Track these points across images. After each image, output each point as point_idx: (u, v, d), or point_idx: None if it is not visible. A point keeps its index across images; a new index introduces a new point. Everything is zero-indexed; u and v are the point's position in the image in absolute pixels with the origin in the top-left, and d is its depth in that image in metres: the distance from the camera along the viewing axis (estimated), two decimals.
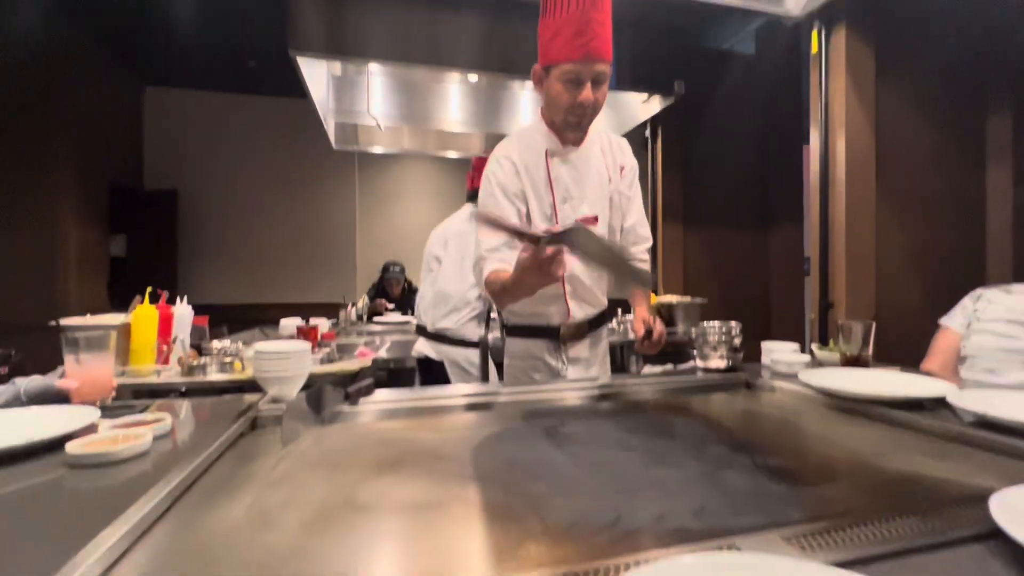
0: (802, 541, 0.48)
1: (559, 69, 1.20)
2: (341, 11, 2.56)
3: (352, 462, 0.79)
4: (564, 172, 1.35)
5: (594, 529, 0.55)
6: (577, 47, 1.16)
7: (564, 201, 1.34)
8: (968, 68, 2.48)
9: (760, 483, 0.68)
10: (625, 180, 1.42)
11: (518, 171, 1.32)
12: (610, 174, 1.39)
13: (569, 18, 1.16)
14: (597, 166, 1.37)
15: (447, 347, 2.14)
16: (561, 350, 1.42)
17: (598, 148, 1.39)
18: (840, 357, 1.34)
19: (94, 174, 4.20)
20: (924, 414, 0.93)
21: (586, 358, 1.45)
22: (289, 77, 2.98)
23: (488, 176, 1.34)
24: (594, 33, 1.15)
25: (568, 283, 1.37)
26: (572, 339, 1.42)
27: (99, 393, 0.97)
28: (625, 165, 1.42)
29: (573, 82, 1.20)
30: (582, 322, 1.42)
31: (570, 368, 1.43)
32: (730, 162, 3.85)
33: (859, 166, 2.29)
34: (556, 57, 1.19)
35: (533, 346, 1.43)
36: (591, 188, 1.36)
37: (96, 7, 3.69)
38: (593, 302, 1.43)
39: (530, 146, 1.35)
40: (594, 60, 1.17)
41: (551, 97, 1.26)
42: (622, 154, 1.43)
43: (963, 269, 2.49)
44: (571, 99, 1.21)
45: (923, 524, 0.51)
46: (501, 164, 1.33)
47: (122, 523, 0.52)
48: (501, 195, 1.31)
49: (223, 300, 5.07)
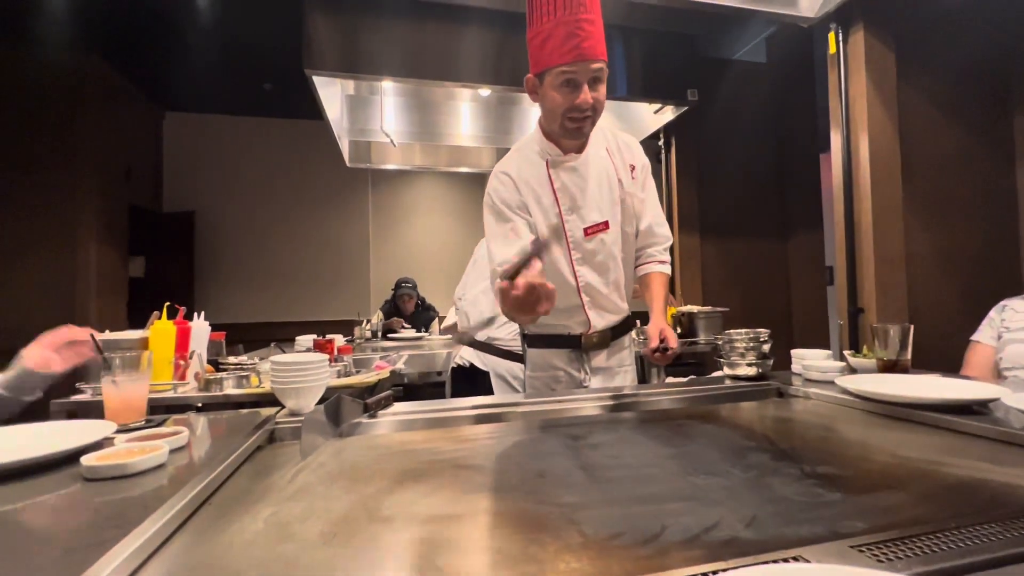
0: (876, 552, 0.43)
1: (553, 73, 1.16)
2: (355, 30, 2.60)
3: (373, 473, 0.76)
4: (568, 181, 1.30)
5: (639, 540, 0.51)
6: (570, 49, 1.13)
7: (571, 211, 1.30)
8: (991, 65, 2.43)
9: (812, 491, 0.63)
10: (637, 180, 1.36)
11: (517, 186, 1.29)
12: (619, 176, 1.33)
13: (558, 21, 1.13)
14: (604, 169, 1.32)
15: (495, 358, 2.10)
16: (583, 360, 1.38)
17: (603, 150, 1.34)
18: (877, 362, 1.28)
19: (114, 198, 4.29)
20: (974, 418, 0.88)
21: (609, 367, 1.40)
22: (303, 98, 3.04)
23: (489, 193, 1.31)
24: (586, 33, 1.13)
25: (585, 293, 1.33)
26: (594, 348, 1.38)
27: (134, 415, 0.95)
28: (636, 164, 1.36)
29: (569, 84, 1.16)
30: (604, 330, 1.38)
31: (593, 378, 1.38)
32: (745, 171, 3.81)
33: (884, 167, 2.23)
34: (549, 61, 1.16)
35: (554, 356, 1.38)
36: (599, 194, 1.30)
37: (119, 37, 3.82)
38: (613, 310, 1.38)
39: (528, 159, 1.32)
40: (588, 59, 1.14)
41: (547, 104, 1.22)
42: (631, 153, 1.37)
43: (996, 270, 2.41)
44: (568, 102, 1.17)
45: (1007, 533, 0.46)
46: (501, 180, 1.30)
47: (137, 536, 0.49)
48: (507, 210, 1.28)
49: (239, 319, 5.11)
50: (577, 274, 1.31)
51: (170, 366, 1.51)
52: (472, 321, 2.21)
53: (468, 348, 2.18)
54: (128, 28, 3.70)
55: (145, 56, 4.09)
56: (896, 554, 0.43)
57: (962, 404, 0.94)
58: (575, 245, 1.30)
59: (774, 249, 3.87)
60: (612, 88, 2.96)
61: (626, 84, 2.96)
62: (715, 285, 3.65)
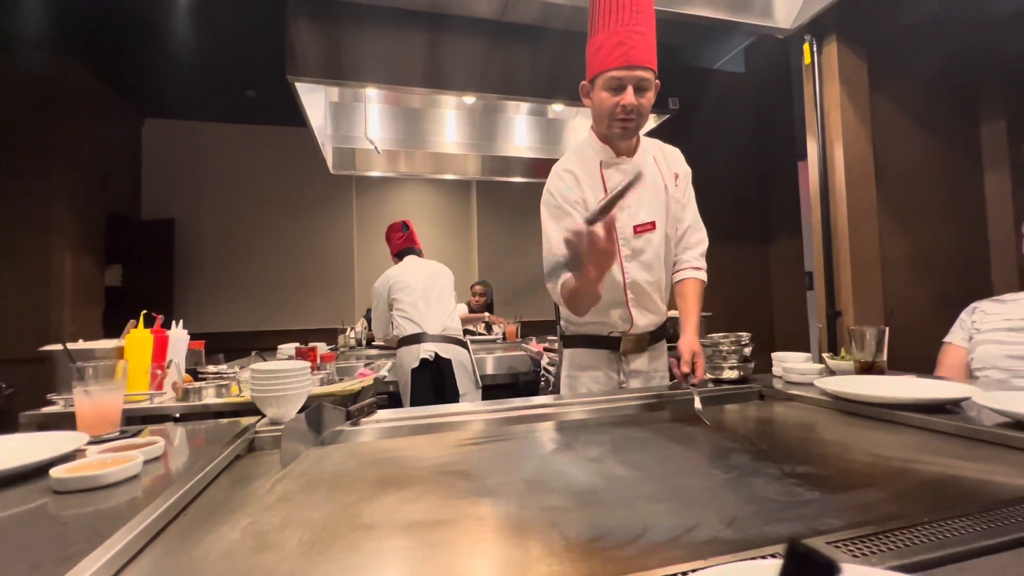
0: (852, 547, 0.44)
1: (602, 78, 1.25)
2: (338, 36, 2.59)
3: (355, 481, 0.75)
4: (620, 181, 1.35)
5: (621, 542, 0.51)
6: (618, 55, 1.22)
7: (622, 209, 1.34)
8: (960, 76, 2.52)
9: (791, 491, 0.64)
10: (680, 187, 1.43)
11: (578, 181, 1.35)
12: (666, 182, 1.39)
13: (612, 32, 1.23)
14: (653, 174, 1.39)
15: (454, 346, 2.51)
16: (622, 361, 1.40)
17: (651, 157, 1.41)
18: (854, 364, 1.31)
19: (91, 205, 4.19)
20: (948, 417, 0.90)
21: (646, 371, 1.43)
22: (286, 105, 3.02)
23: (551, 191, 1.37)
24: (634, 42, 1.22)
25: (630, 290, 1.36)
26: (632, 351, 1.41)
27: (108, 426, 0.92)
28: (680, 172, 1.44)
29: (615, 88, 1.25)
30: (643, 334, 1.41)
31: (630, 380, 1.40)
32: (727, 179, 3.88)
33: (858, 174, 2.29)
34: (600, 67, 1.25)
35: (593, 357, 1.41)
36: (648, 196, 1.37)
37: (97, 42, 3.75)
38: (654, 310, 1.41)
39: (585, 158, 1.39)
40: (634, 66, 1.22)
41: (597, 106, 1.30)
42: (676, 162, 1.45)
43: (968, 273, 2.48)
44: (614, 104, 1.25)
45: (978, 526, 0.47)
46: (562, 177, 1.37)
47: (107, 549, 0.48)
48: (566, 204, 1.34)
49: (220, 328, 5.02)
50: (625, 270, 1.35)
51: (147, 376, 1.47)
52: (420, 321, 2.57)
53: (430, 343, 2.47)
54: (107, 33, 3.64)
55: (125, 61, 4.02)
56: (872, 549, 0.44)
57: (935, 404, 0.96)
58: (624, 242, 1.34)
59: (756, 255, 3.94)
60: None
61: None
62: None
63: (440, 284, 2.68)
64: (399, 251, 2.85)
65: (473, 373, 2.56)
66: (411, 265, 2.72)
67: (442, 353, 2.46)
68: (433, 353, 2.45)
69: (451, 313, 2.66)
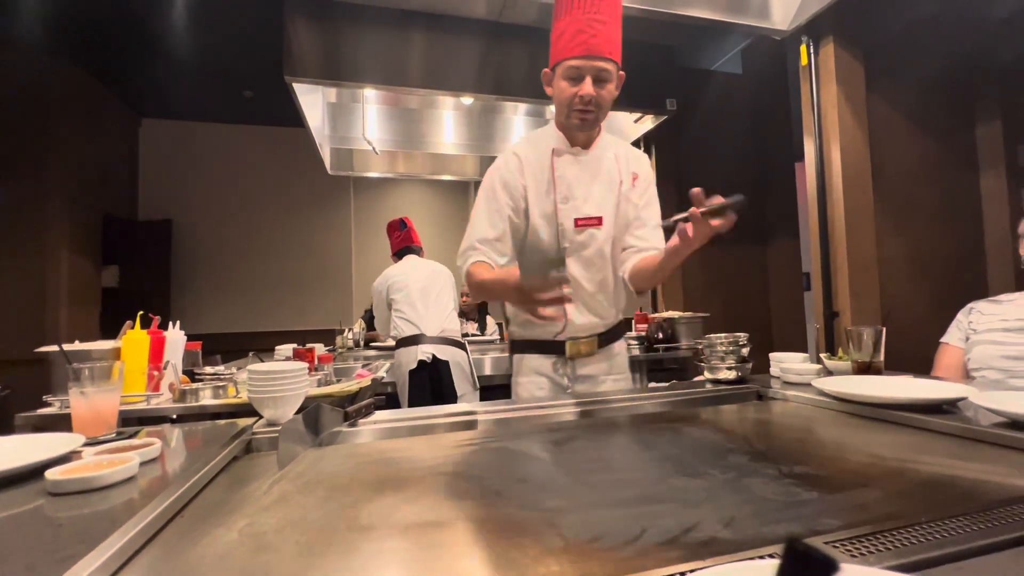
0: (849, 547, 0.44)
1: (562, 66, 1.23)
2: (336, 37, 2.59)
3: (352, 482, 0.74)
4: (570, 172, 1.33)
5: (619, 543, 0.51)
6: (578, 44, 1.19)
7: (565, 200, 1.31)
8: (955, 77, 2.53)
9: (789, 491, 0.64)
10: (637, 189, 1.39)
11: (523, 167, 1.32)
12: (621, 178, 1.36)
13: (573, 19, 1.20)
14: (608, 169, 1.36)
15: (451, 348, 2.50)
16: (568, 366, 1.37)
17: (612, 154, 1.38)
18: (852, 364, 1.31)
19: (88, 206, 4.18)
20: (944, 417, 0.90)
21: (595, 375, 1.39)
22: (284, 106, 3.01)
23: (493, 170, 1.35)
24: (595, 31, 1.18)
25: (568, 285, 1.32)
26: (580, 356, 1.36)
27: (103, 428, 0.92)
28: (639, 174, 1.40)
29: (575, 78, 1.22)
30: (591, 336, 1.37)
31: (577, 385, 1.37)
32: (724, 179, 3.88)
33: (855, 175, 2.30)
34: (560, 55, 1.23)
35: (539, 362, 1.38)
36: (597, 190, 1.33)
37: (94, 42, 3.74)
38: (599, 311, 1.37)
39: (538, 145, 1.36)
40: (594, 56, 1.19)
41: (557, 95, 1.28)
42: (637, 163, 1.42)
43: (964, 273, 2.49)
44: (572, 94, 1.23)
45: (975, 525, 0.47)
46: (507, 160, 1.34)
47: (103, 551, 0.48)
48: (501, 188, 1.31)
49: (217, 329, 5.00)
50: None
51: (143, 377, 1.46)
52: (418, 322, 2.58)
53: (427, 344, 2.46)
54: (104, 33, 3.63)
55: (122, 62, 4.01)
56: (869, 549, 0.44)
57: (932, 404, 0.96)
58: (564, 234, 1.31)
59: (754, 255, 3.95)
60: None
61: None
62: (696, 291, 3.70)
63: (439, 284, 2.68)
64: (398, 250, 2.84)
65: (471, 374, 2.55)
66: (409, 265, 2.71)
67: (440, 355, 2.46)
68: (430, 355, 2.45)
69: (449, 314, 2.65)
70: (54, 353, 1.39)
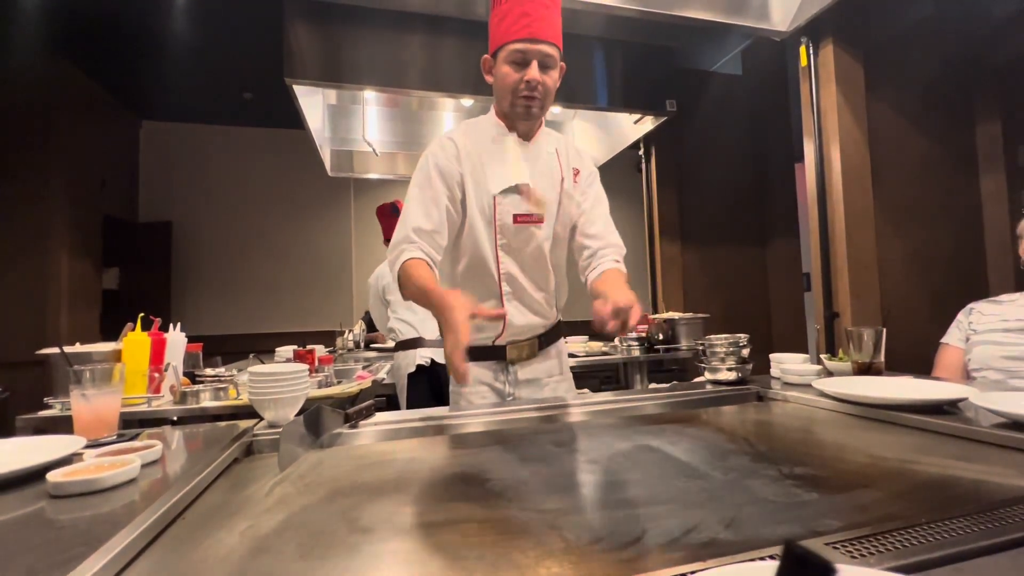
0: (850, 548, 0.44)
1: (505, 50, 1.17)
2: (336, 39, 2.60)
3: (353, 484, 0.74)
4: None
5: (620, 544, 0.51)
6: (522, 27, 1.14)
7: (505, 195, 1.24)
8: (954, 78, 2.54)
9: (790, 492, 0.64)
10: (579, 186, 1.32)
11: (459, 154, 1.24)
12: (563, 174, 1.30)
13: (517, 1, 1.15)
14: (548, 163, 1.29)
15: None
16: (508, 372, 1.30)
17: (553, 148, 1.31)
18: (852, 365, 1.31)
19: (89, 208, 4.18)
20: (945, 418, 0.90)
21: (537, 379, 1.33)
22: (284, 108, 3.02)
23: (427, 155, 1.24)
24: (539, 15, 1.14)
25: (506, 283, 1.25)
26: (521, 359, 1.31)
27: (105, 430, 0.92)
28: (581, 169, 1.33)
29: (519, 63, 1.16)
30: (532, 338, 1.32)
31: (518, 391, 1.31)
32: (724, 180, 3.89)
33: (855, 176, 2.30)
34: (502, 38, 1.17)
35: (477, 371, 1.29)
36: (539, 186, 1.26)
37: (95, 44, 3.75)
38: (539, 312, 1.31)
39: (476, 133, 1.27)
40: (539, 40, 1.14)
41: (499, 82, 1.20)
42: (579, 159, 1.35)
43: (964, 274, 2.49)
44: (517, 79, 1.16)
45: (976, 526, 0.47)
46: (444, 146, 1.25)
47: (104, 553, 0.48)
48: (436, 175, 1.21)
49: (218, 331, 5.00)
50: (500, 261, 1.26)
51: (144, 379, 1.47)
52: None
53: (426, 348, 2.43)
54: (105, 36, 3.63)
55: (122, 64, 4.02)
56: (869, 550, 0.44)
57: (933, 404, 0.96)
58: (502, 229, 1.24)
59: (753, 256, 3.95)
60: (592, 98, 3.01)
61: (606, 95, 3.01)
62: (696, 292, 3.70)
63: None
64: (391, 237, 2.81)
65: None
66: None
67: (438, 359, 2.45)
68: (429, 359, 2.44)
69: None
70: (55, 355, 1.40)
